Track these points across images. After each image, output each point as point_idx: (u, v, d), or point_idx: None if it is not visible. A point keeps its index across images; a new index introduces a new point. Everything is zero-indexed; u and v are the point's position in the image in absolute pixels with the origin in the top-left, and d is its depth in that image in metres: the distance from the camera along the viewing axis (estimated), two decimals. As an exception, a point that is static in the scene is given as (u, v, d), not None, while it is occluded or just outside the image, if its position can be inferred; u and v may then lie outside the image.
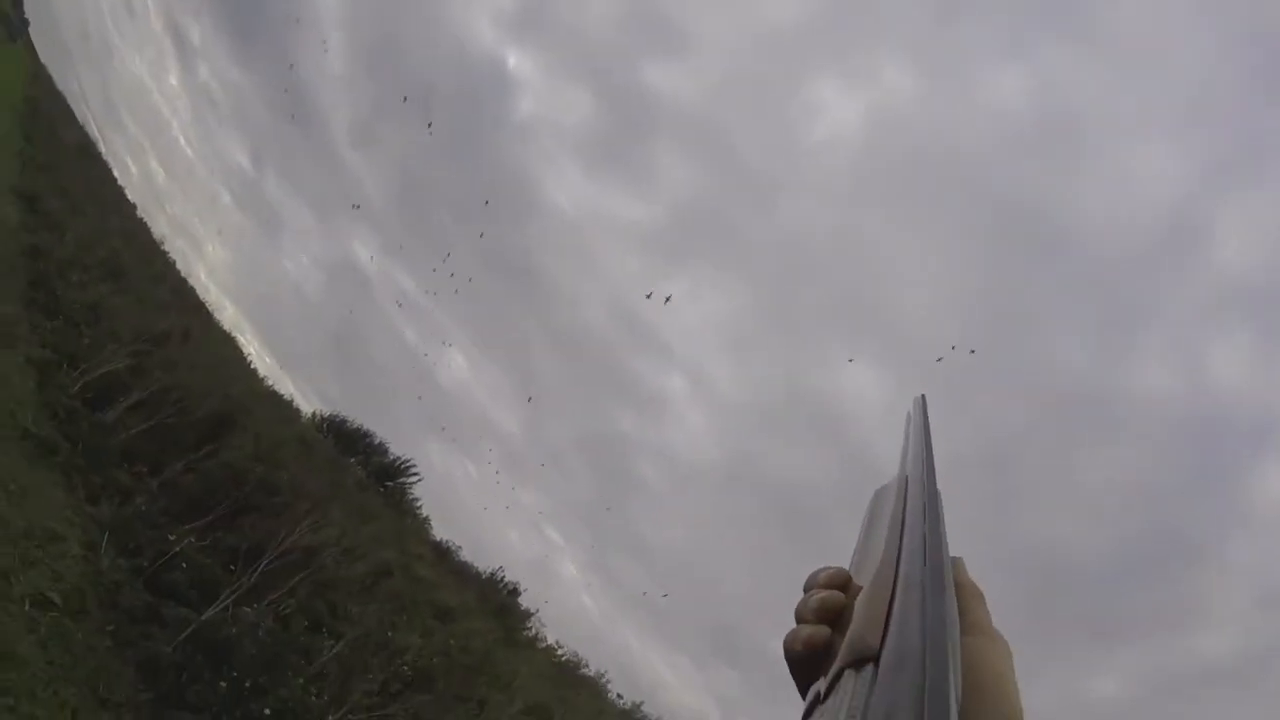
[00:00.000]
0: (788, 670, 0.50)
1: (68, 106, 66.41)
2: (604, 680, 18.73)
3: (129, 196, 44.88)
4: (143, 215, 40.67)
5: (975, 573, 0.64)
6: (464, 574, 20.25)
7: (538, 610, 20.67)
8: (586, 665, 18.74)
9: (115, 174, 52.13)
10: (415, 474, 24.12)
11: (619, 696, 19.21)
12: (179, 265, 32.83)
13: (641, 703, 20.46)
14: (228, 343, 24.08)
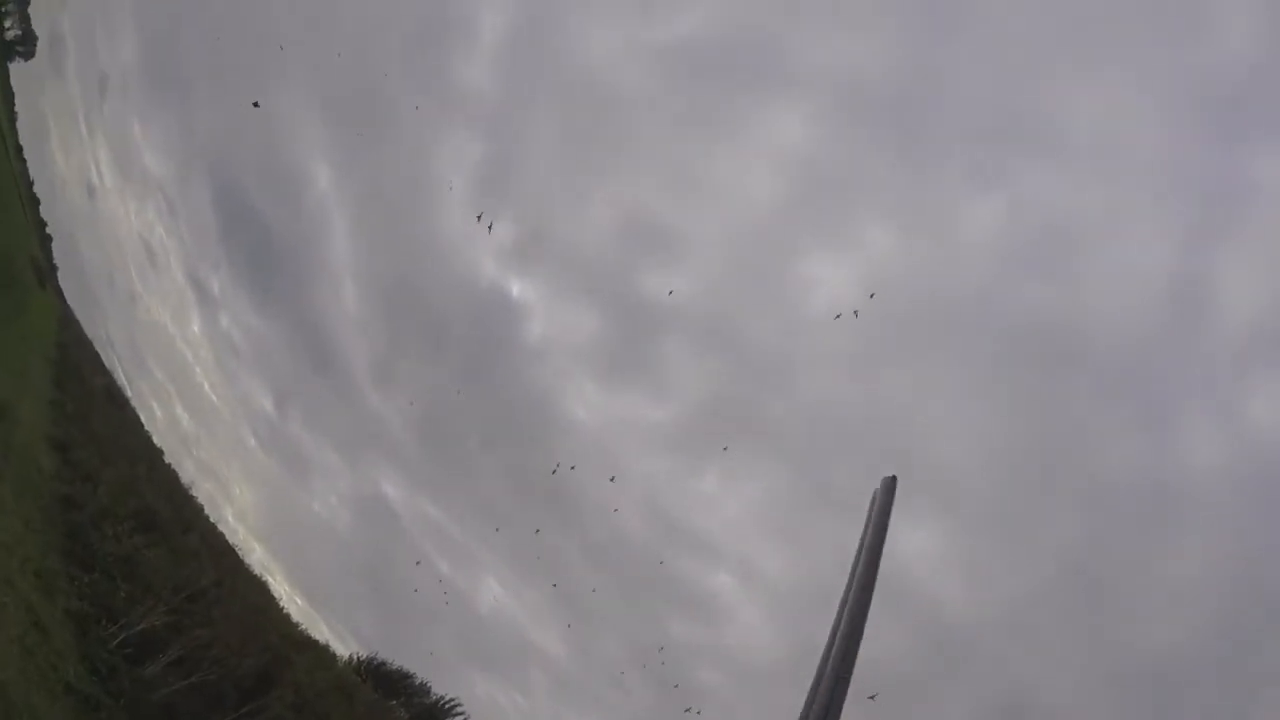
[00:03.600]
0: None
1: (95, 352, 68.24)
2: None
3: (156, 442, 44.91)
4: (170, 460, 40.50)
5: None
6: None
7: None
8: None
9: (143, 419, 52.55)
10: (460, 713, 21.85)
11: None
12: (207, 510, 32.29)
13: None
14: (260, 588, 22.77)
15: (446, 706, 21.98)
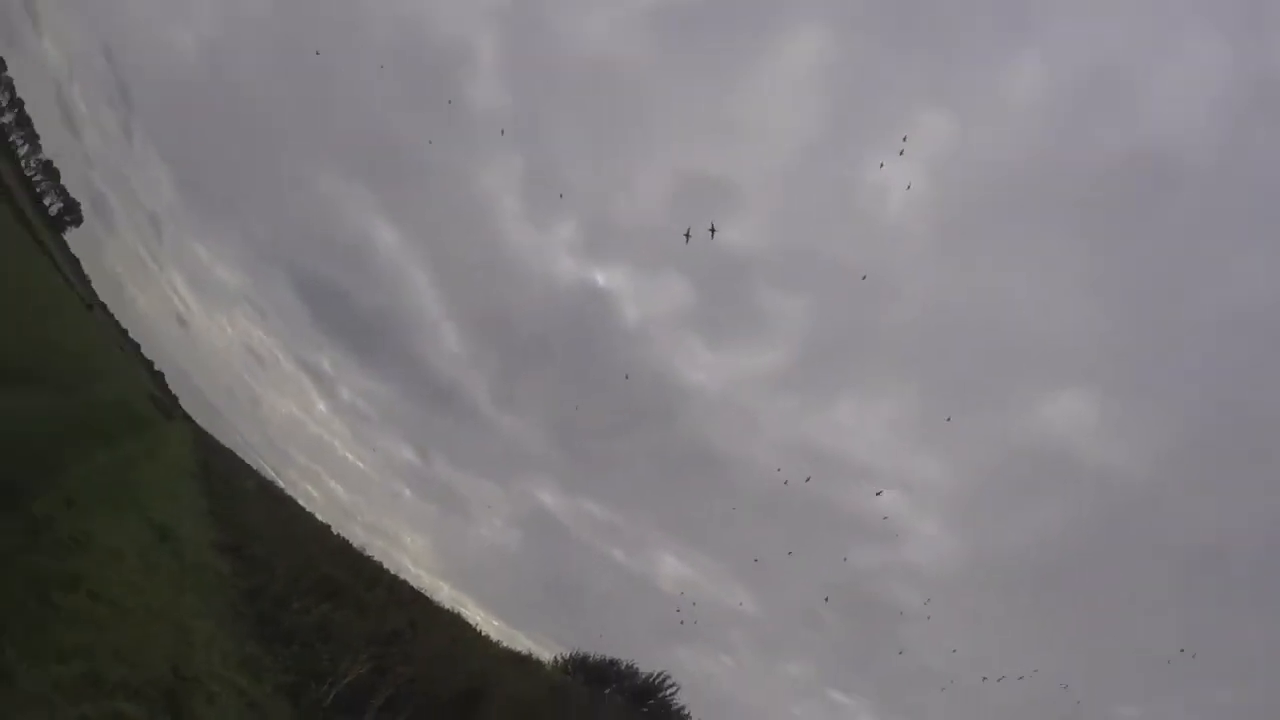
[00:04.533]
0: None
1: (238, 459, 73.74)
2: None
3: (320, 519, 48.13)
4: (338, 531, 43.35)
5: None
6: None
7: None
8: None
9: (301, 504, 56.52)
10: (673, 685, 22.39)
11: None
12: (385, 565, 34.17)
13: None
14: (454, 621, 24.04)
15: (657, 682, 22.46)
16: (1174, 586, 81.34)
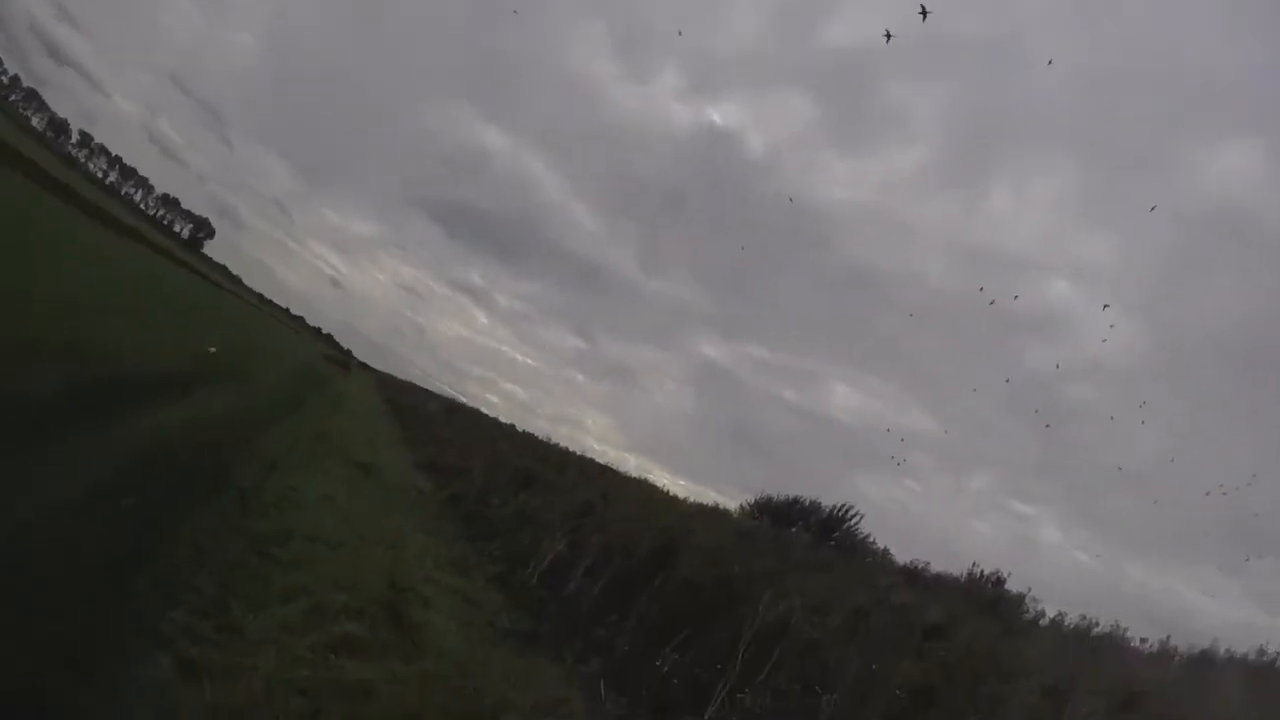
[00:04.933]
0: None
1: (419, 388, 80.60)
2: (1124, 631, 15.27)
3: (504, 422, 52.34)
4: (522, 428, 47.04)
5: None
6: (943, 586, 18.37)
7: (1029, 590, 18.08)
8: (1099, 624, 15.29)
9: (485, 411, 61.58)
10: (856, 514, 22.93)
11: (1143, 640, 15.25)
12: (572, 448, 36.88)
13: (1168, 637, 16.00)
14: (643, 487, 25.72)
15: (840, 514, 22.98)
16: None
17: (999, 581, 18.62)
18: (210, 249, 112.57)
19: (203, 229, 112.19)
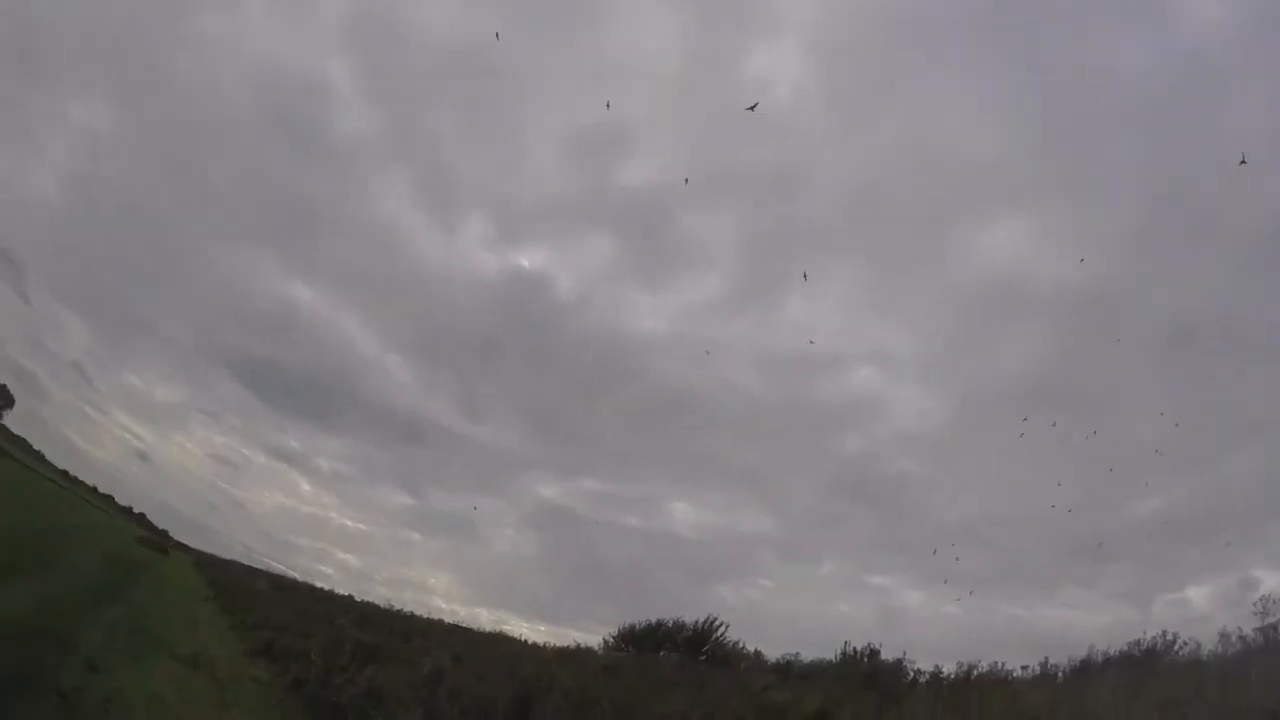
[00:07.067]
0: None
1: (243, 565, 74.42)
2: (1003, 665, 16.72)
3: (340, 593, 48.93)
4: (361, 598, 44.20)
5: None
6: (819, 673, 19.10)
7: (904, 653, 18.75)
8: (979, 666, 16.62)
9: (317, 585, 57.27)
10: (721, 624, 23.36)
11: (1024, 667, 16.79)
12: (417, 612, 35.08)
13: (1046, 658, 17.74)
14: (498, 640, 24.86)
15: (706, 627, 23.33)
16: (1156, 375, 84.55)
17: (874, 654, 19.19)
18: (10, 419, 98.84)
19: (1, 398, 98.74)
